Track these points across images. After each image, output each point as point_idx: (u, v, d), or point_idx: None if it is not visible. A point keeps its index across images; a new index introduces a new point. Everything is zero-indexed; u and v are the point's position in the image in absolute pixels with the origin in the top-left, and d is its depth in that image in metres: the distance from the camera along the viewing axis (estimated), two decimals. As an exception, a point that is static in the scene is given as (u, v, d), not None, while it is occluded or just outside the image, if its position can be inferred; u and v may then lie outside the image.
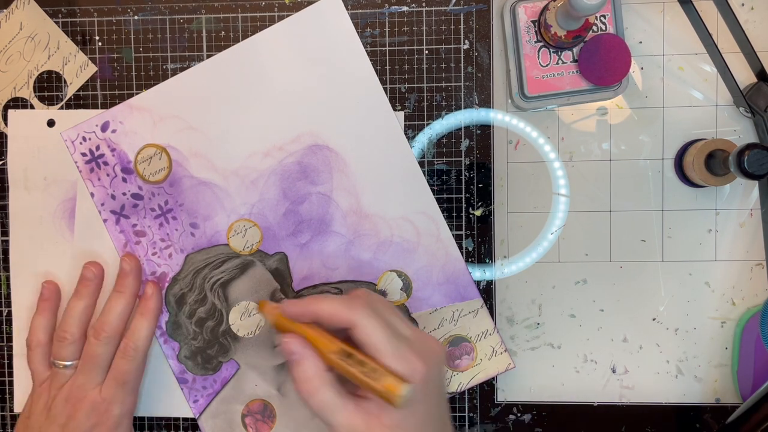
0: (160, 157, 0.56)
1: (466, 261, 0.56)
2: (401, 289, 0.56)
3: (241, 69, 0.56)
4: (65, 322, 0.55)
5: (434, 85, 0.56)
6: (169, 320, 0.57)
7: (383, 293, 0.56)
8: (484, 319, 0.56)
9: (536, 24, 0.54)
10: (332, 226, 0.56)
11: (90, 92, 0.57)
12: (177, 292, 0.57)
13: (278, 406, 0.57)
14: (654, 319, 0.57)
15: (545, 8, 0.53)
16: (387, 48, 0.56)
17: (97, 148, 0.56)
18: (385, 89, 0.56)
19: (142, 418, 0.58)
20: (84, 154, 0.57)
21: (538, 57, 0.54)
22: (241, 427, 0.57)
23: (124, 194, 0.57)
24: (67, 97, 0.58)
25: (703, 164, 0.52)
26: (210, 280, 0.57)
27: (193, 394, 0.57)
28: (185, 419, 0.58)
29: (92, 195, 0.57)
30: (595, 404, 0.57)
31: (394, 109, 0.56)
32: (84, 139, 0.56)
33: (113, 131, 0.56)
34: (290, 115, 0.56)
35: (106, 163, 0.57)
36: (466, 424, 0.57)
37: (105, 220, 0.57)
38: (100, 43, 0.57)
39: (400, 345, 0.45)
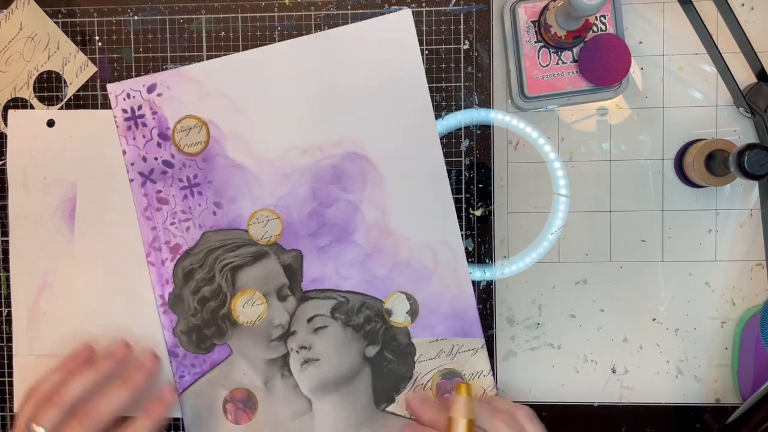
0: (200, 131, 0.56)
1: (466, 261, 0.56)
2: (407, 312, 0.56)
3: (301, 61, 0.56)
4: (67, 387, 0.51)
5: (434, 85, 0.56)
6: (173, 292, 0.57)
7: (389, 312, 0.56)
8: (481, 359, 0.56)
9: (536, 24, 0.54)
10: (354, 236, 0.56)
11: (90, 92, 0.57)
12: (186, 266, 0.57)
13: (262, 399, 0.57)
14: (654, 319, 0.57)
15: (545, 8, 0.53)
16: (387, 48, 0.56)
17: (140, 107, 0.56)
18: (385, 89, 0.56)
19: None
20: (125, 111, 0.57)
21: (538, 57, 0.54)
22: (221, 411, 0.57)
23: (156, 159, 0.56)
24: (67, 98, 0.58)
25: (703, 164, 0.52)
26: (222, 262, 0.57)
27: (180, 369, 0.57)
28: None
29: (124, 153, 0.57)
30: (595, 404, 0.57)
31: (394, 109, 0.56)
32: (128, 95, 0.57)
33: (159, 94, 0.56)
34: (337, 117, 0.56)
35: (144, 125, 0.56)
36: (466, 424, 0.57)
37: (131, 180, 0.57)
38: (100, 43, 0.57)
39: None
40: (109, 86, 0.56)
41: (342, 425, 0.56)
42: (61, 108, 0.58)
